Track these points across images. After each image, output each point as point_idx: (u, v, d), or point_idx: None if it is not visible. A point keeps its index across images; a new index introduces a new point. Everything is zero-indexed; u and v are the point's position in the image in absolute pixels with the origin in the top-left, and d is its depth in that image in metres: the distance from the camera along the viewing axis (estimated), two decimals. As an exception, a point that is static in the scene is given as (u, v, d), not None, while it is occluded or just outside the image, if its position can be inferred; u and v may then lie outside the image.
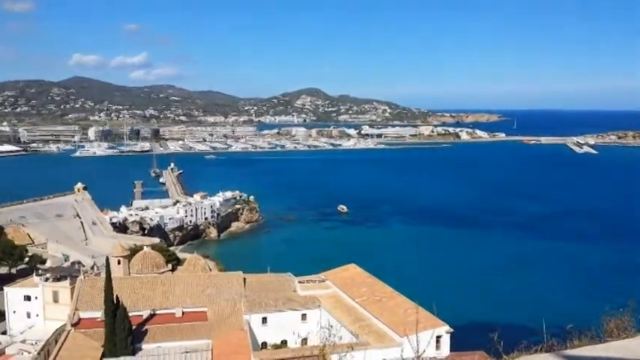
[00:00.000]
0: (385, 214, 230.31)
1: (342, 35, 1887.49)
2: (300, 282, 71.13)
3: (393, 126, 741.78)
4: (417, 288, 78.80)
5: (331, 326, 53.81)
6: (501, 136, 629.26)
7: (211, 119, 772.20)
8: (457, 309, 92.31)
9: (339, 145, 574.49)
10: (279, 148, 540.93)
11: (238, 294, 67.61)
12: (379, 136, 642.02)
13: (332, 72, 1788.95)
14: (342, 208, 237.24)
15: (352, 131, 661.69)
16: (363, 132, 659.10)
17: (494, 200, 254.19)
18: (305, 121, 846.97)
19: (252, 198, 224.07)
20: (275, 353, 59.27)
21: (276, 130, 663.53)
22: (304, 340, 64.82)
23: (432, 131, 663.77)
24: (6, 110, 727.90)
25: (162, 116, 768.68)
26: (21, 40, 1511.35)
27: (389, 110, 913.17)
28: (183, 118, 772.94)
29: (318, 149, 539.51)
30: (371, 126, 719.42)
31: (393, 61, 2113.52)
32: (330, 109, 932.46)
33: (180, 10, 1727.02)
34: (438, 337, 52.22)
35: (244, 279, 70.61)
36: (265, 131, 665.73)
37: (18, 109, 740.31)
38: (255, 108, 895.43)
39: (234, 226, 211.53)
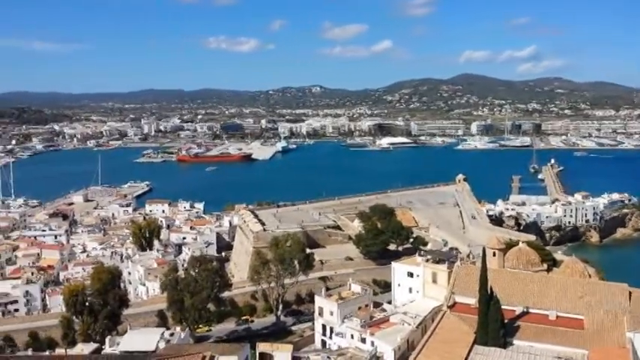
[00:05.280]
0: None
1: None
2: None
3: None
4: None
5: None
6: None
7: (599, 113, 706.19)
8: None
9: None
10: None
11: (622, 308, 60.74)
12: None
13: None
14: None
15: None
16: None
17: None
18: None
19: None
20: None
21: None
22: None
23: None
24: (401, 107, 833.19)
25: (545, 110, 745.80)
26: (418, 42, 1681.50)
27: None
28: (568, 111, 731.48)
29: None
30: None
31: None
32: None
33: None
34: None
35: (630, 292, 62.94)
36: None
37: (411, 106, 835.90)
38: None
39: (620, 232, 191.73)
